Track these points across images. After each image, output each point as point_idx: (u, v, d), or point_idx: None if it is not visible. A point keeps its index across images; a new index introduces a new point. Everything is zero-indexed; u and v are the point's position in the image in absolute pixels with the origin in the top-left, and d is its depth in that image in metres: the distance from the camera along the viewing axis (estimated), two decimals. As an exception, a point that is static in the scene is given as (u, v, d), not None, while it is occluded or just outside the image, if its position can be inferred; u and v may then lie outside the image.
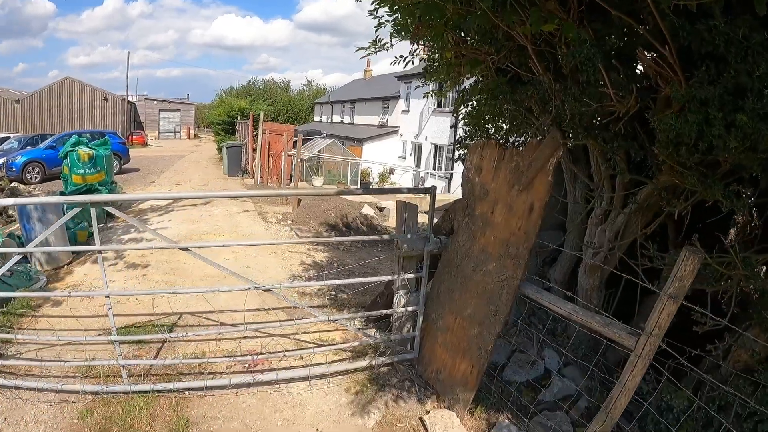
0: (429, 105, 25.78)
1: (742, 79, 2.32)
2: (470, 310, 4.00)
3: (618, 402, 3.09)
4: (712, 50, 2.48)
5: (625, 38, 3.18)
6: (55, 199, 4.31)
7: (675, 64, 2.55)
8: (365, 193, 4.24)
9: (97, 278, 6.76)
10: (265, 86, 51.60)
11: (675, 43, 2.53)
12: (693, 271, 2.65)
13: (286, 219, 10.82)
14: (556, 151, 3.30)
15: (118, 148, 19.48)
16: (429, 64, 5.08)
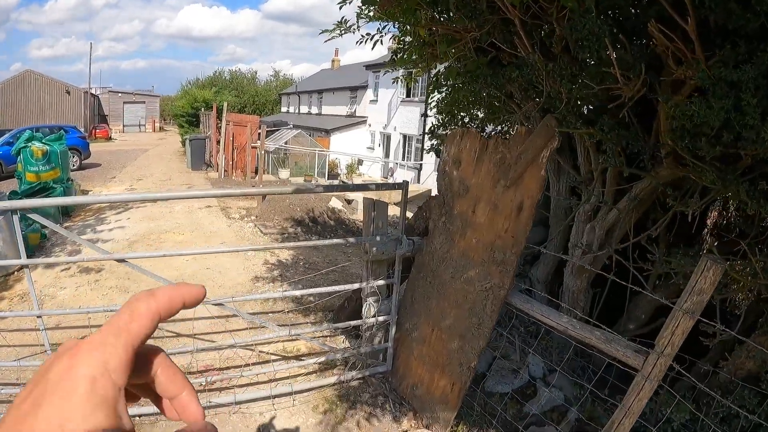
0: (398, 94, 25.40)
1: (783, 60, 1.92)
2: (449, 321, 3.57)
3: (621, 426, 2.71)
4: (743, 25, 2.08)
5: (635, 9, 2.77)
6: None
7: (696, 41, 2.14)
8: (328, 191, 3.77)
9: (49, 285, 6.27)
10: (231, 77, 50.57)
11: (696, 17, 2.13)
12: (713, 284, 2.26)
13: (249, 214, 10.31)
14: (550, 141, 2.83)
15: (77, 142, 18.66)
16: (399, 46, 4.63)
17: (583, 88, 2.74)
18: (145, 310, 0.41)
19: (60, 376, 0.36)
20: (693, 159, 2.46)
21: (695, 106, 2.16)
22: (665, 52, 2.36)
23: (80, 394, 0.35)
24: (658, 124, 2.95)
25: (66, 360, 0.37)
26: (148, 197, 3.14)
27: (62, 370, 0.37)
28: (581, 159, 4.03)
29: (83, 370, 0.36)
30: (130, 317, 0.41)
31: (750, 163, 2.48)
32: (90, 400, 0.35)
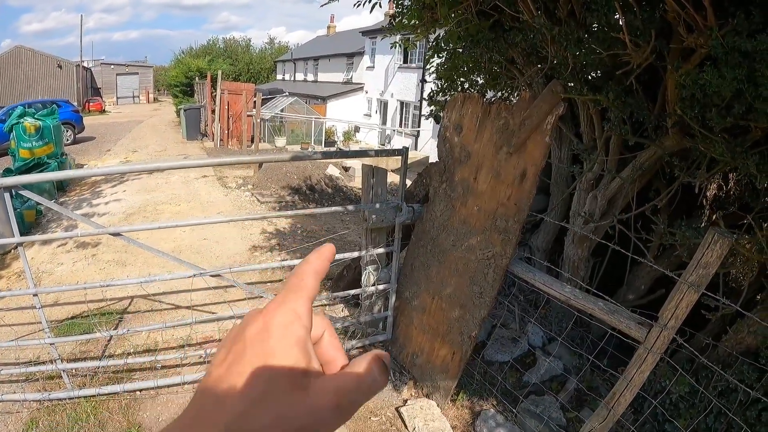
0: (395, 61, 25.03)
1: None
2: (450, 290, 3.54)
3: (622, 398, 2.71)
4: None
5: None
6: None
7: (708, 8, 2.05)
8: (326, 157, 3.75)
9: (46, 262, 6.26)
10: (225, 45, 49.76)
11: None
12: (720, 257, 2.22)
13: (246, 183, 10.23)
14: (555, 107, 2.75)
15: (71, 116, 18.39)
16: (398, 10, 4.51)
17: (590, 53, 2.66)
18: (309, 270, 0.47)
19: (256, 330, 0.42)
20: (702, 129, 2.39)
21: (707, 75, 2.08)
22: (676, 18, 2.28)
23: (277, 337, 0.41)
24: (665, 93, 2.87)
25: (259, 318, 0.43)
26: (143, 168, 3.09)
27: (258, 326, 0.42)
28: (584, 126, 3.95)
29: (277, 320, 0.42)
30: (300, 278, 0.46)
31: (760, 135, 2.41)
32: (286, 340, 0.41)
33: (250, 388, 0.39)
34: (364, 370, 0.43)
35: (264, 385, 0.39)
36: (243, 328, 0.43)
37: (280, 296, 0.45)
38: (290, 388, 0.40)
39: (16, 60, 35.17)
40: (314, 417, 0.39)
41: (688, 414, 3.07)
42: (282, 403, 0.39)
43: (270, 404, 0.39)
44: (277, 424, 0.38)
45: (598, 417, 2.83)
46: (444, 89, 5.18)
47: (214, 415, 0.38)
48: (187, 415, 0.40)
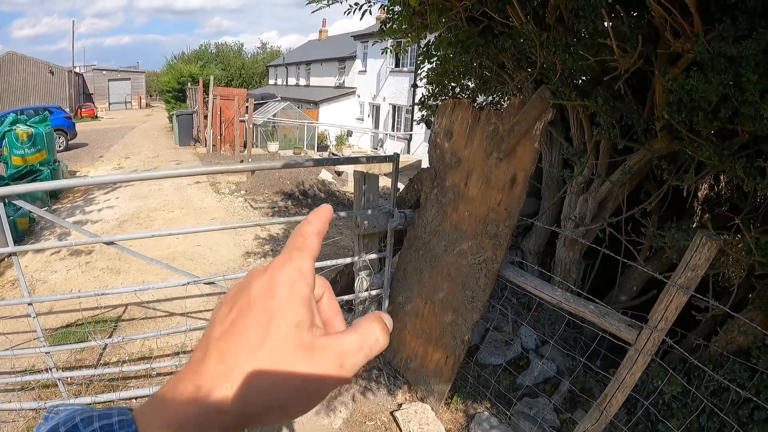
0: (387, 65, 25.07)
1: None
2: (442, 295, 3.56)
3: (614, 399, 2.73)
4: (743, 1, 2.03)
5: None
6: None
7: (695, 14, 2.08)
8: (318, 164, 3.77)
9: (40, 270, 6.23)
10: (217, 50, 49.67)
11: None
12: (708, 260, 2.25)
13: (239, 189, 10.23)
14: (544, 112, 2.78)
15: (63, 123, 18.33)
16: (388, 16, 4.53)
17: (578, 59, 2.68)
18: (312, 231, 0.48)
19: (262, 287, 0.42)
20: (689, 133, 2.42)
21: (693, 81, 2.11)
22: (663, 24, 2.31)
23: (282, 295, 0.41)
24: (653, 97, 2.90)
25: (264, 276, 0.43)
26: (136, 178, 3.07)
27: (263, 283, 0.43)
28: (574, 131, 3.99)
29: (282, 277, 0.42)
30: (304, 238, 0.47)
31: (747, 139, 2.44)
32: (291, 297, 0.42)
33: (256, 345, 0.40)
34: (366, 331, 0.44)
35: (270, 341, 0.40)
36: (247, 285, 0.44)
37: (284, 254, 0.45)
38: (295, 346, 0.40)
39: (7, 66, 34.90)
40: (318, 375, 0.40)
41: (681, 414, 3.09)
42: (287, 361, 0.40)
43: (275, 360, 0.39)
44: (282, 380, 0.39)
45: (590, 418, 2.85)
46: (435, 94, 5.20)
47: (218, 371, 0.39)
48: (190, 370, 0.40)
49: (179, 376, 0.41)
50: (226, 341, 0.40)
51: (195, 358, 0.41)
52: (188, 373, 0.40)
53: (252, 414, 0.39)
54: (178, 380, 0.40)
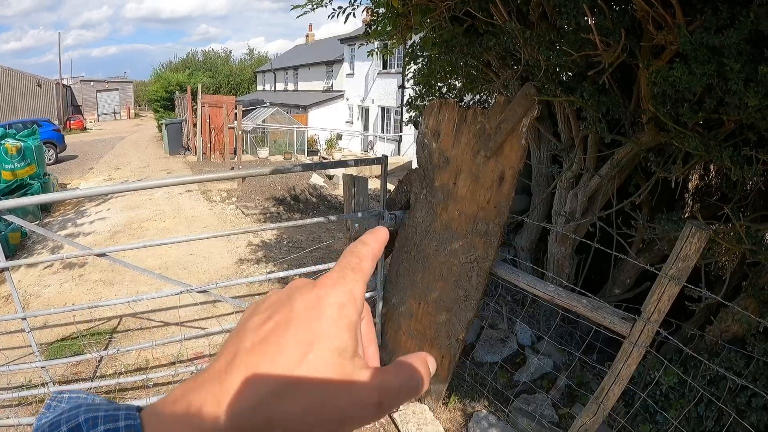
0: (374, 67, 25.09)
1: (765, 25, 1.87)
2: (436, 294, 3.56)
3: (611, 392, 2.73)
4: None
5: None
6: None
7: (676, 6, 2.09)
8: (306, 169, 3.78)
9: (33, 284, 6.21)
10: (205, 58, 49.62)
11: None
12: (698, 250, 2.25)
13: (230, 196, 10.21)
14: (530, 109, 2.78)
15: (52, 135, 18.22)
16: (373, 18, 4.53)
17: (562, 55, 2.69)
18: (368, 252, 0.45)
19: (307, 304, 0.39)
20: (675, 125, 2.43)
21: (677, 72, 2.12)
22: (645, 17, 2.31)
23: (329, 317, 0.39)
24: (639, 90, 2.91)
25: (312, 292, 0.40)
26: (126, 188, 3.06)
27: (309, 300, 0.40)
28: (561, 126, 4.00)
29: (332, 299, 0.40)
30: (359, 258, 0.44)
31: (733, 128, 2.45)
32: (338, 322, 0.39)
33: (292, 366, 0.37)
34: (411, 374, 0.42)
35: (307, 365, 0.37)
36: (289, 298, 0.41)
37: (336, 273, 0.42)
38: (336, 375, 0.37)
39: (-7, 80, 34.74)
40: (355, 410, 0.38)
41: (679, 404, 3.10)
42: (324, 389, 0.37)
43: (311, 388, 0.37)
44: (316, 410, 0.36)
45: (588, 412, 2.85)
46: (422, 94, 5.20)
47: (245, 387, 0.36)
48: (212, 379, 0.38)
49: (198, 383, 0.38)
50: (258, 355, 0.37)
51: (219, 365, 0.38)
52: (209, 382, 0.37)
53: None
54: (196, 388, 0.37)
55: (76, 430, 0.35)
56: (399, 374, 0.41)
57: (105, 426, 0.35)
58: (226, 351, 0.39)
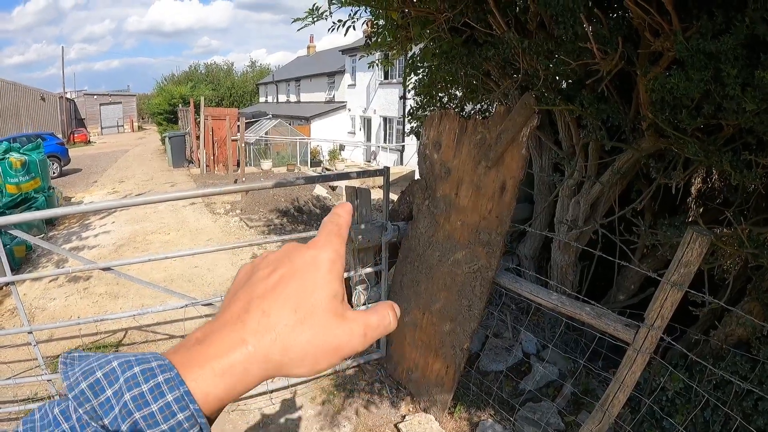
0: (376, 77, 25.17)
1: (761, 29, 1.89)
2: (440, 305, 3.56)
3: (616, 399, 2.72)
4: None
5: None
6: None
7: (672, 12, 2.11)
8: (309, 182, 3.83)
9: (39, 297, 6.19)
10: (207, 71, 49.72)
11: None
12: (700, 255, 2.26)
13: (234, 208, 10.22)
14: (529, 119, 2.80)
15: (56, 149, 18.19)
16: (373, 30, 4.56)
17: (561, 64, 2.71)
18: (343, 222, 0.54)
19: (306, 260, 0.49)
20: (674, 131, 2.44)
21: (674, 79, 2.13)
22: (642, 24, 2.33)
23: (324, 270, 0.48)
24: (638, 97, 2.93)
25: (308, 251, 0.50)
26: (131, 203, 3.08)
27: (308, 256, 0.49)
28: (562, 134, 4.01)
29: (325, 256, 0.49)
30: (338, 227, 0.53)
31: (732, 133, 2.46)
32: (331, 274, 0.48)
33: (299, 307, 0.46)
34: (383, 314, 0.51)
35: (311, 306, 0.46)
36: (288, 256, 0.50)
37: (323, 238, 0.51)
38: (332, 314, 0.47)
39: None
40: (346, 339, 0.47)
41: (685, 409, 3.09)
42: (324, 323, 0.46)
43: (315, 322, 0.46)
44: (319, 339, 0.46)
45: (594, 420, 2.85)
46: (424, 105, 5.22)
47: (263, 323, 0.45)
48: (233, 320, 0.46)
49: (217, 326, 0.46)
50: (270, 300, 0.46)
51: (234, 311, 0.46)
52: (230, 324, 0.45)
53: (288, 364, 0.45)
54: (217, 330, 0.45)
55: (112, 374, 0.40)
56: (376, 314, 0.50)
57: (139, 367, 0.40)
58: (237, 300, 0.47)
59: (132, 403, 0.38)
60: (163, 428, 0.38)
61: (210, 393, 0.42)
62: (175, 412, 0.39)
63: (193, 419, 0.39)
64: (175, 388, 0.39)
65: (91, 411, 0.38)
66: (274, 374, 0.46)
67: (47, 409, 0.40)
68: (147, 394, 0.39)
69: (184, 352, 0.44)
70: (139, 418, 0.38)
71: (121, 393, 0.38)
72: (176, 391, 0.39)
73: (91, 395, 0.39)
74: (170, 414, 0.38)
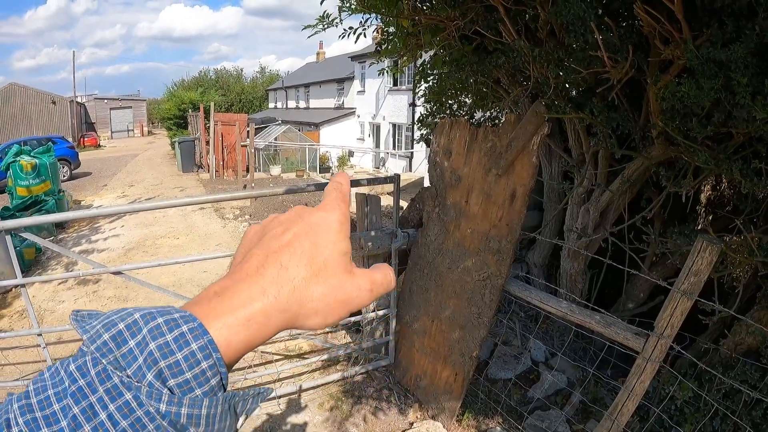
0: (385, 84, 25.15)
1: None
2: (449, 312, 3.57)
3: (625, 408, 2.72)
4: (730, 3, 2.06)
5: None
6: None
7: (682, 21, 2.12)
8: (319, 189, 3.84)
9: (48, 300, 6.23)
10: (217, 76, 50.01)
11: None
12: (710, 264, 2.25)
13: (243, 214, 10.26)
14: (540, 127, 2.81)
15: (66, 152, 18.30)
16: (383, 38, 4.58)
17: (571, 72, 2.72)
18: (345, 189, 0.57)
19: (318, 220, 0.51)
20: (684, 139, 2.44)
21: (685, 87, 2.13)
22: (652, 32, 2.34)
23: (334, 229, 0.51)
24: (648, 105, 2.93)
25: (318, 212, 0.52)
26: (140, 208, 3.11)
27: (318, 217, 0.52)
28: (572, 142, 4.01)
29: (334, 217, 0.52)
30: (342, 193, 0.56)
31: (742, 141, 2.46)
32: (340, 233, 0.51)
33: (313, 262, 0.49)
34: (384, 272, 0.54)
35: (324, 261, 0.49)
36: (300, 216, 0.52)
37: (330, 202, 0.54)
38: (342, 269, 0.50)
39: (10, 97, 35.03)
40: (355, 293, 0.51)
41: (694, 418, 3.07)
42: (336, 277, 0.49)
43: (327, 276, 0.49)
44: (330, 292, 0.49)
45: (602, 428, 2.84)
46: (433, 112, 5.24)
47: (281, 276, 0.47)
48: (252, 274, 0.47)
49: (235, 280, 0.47)
50: (287, 255, 0.48)
51: (252, 265, 0.48)
52: (249, 277, 0.47)
53: (303, 315, 0.48)
54: (236, 283, 0.47)
55: (134, 325, 0.40)
56: (380, 271, 0.54)
57: (162, 318, 0.41)
58: (253, 256, 0.49)
59: (157, 351, 0.39)
60: (187, 376, 0.39)
61: (232, 342, 0.43)
62: (200, 360, 0.40)
63: (215, 368, 0.40)
64: (199, 337, 0.40)
65: (114, 362, 0.38)
66: (290, 325, 0.48)
67: (58, 367, 0.40)
68: (171, 343, 0.39)
69: (205, 303, 0.45)
70: (164, 366, 0.38)
71: (145, 343, 0.39)
72: (201, 340, 0.40)
73: (114, 346, 0.39)
74: (195, 362, 0.39)
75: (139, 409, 0.37)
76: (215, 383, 0.40)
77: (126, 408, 0.37)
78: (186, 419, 0.38)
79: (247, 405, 0.45)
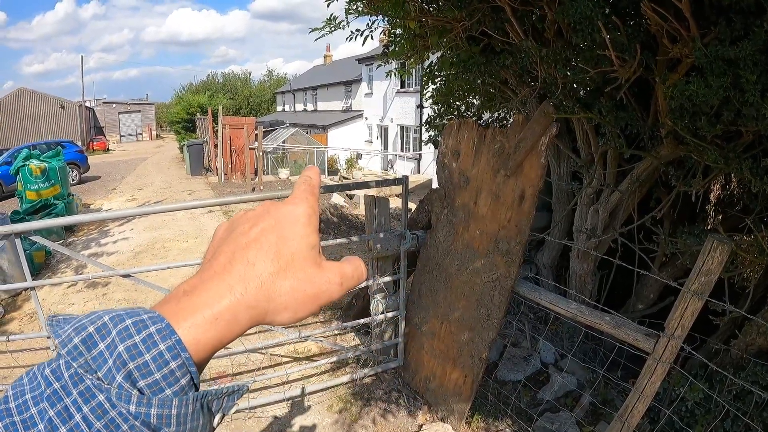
0: (392, 86, 25.17)
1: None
2: (458, 314, 3.56)
3: (635, 409, 2.70)
4: (738, 1, 2.04)
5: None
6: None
7: (690, 19, 2.10)
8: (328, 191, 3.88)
9: (57, 303, 6.27)
10: (224, 79, 50.26)
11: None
12: (721, 264, 2.24)
13: (251, 216, 10.26)
14: (548, 128, 2.80)
15: (75, 156, 18.38)
16: (390, 39, 4.59)
17: (579, 72, 2.71)
18: (314, 182, 0.57)
19: (285, 214, 0.51)
20: (693, 138, 2.43)
21: (693, 86, 2.12)
22: (659, 31, 2.33)
23: (302, 223, 0.51)
24: (656, 104, 2.92)
25: (287, 206, 0.52)
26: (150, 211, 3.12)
27: (287, 211, 0.51)
28: (580, 142, 4.00)
29: (302, 210, 0.51)
30: (311, 186, 0.56)
31: (751, 139, 2.44)
32: (309, 226, 0.51)
33: (280, 256, 0.48)
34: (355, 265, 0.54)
35: (291, 255, 0.49)
36: (267, 212, 0.52)
37: (299, 195, 0.54)
38: (311, 262, 0.50)
39: (19, 102, 35.33)
40: (325, 286, 0.50)
41: (705, 420, 3.05)
42: (304, 272, 0.49)
43: (295, 270, 0.48)
44: (299, 286, 0.48)
45: (613, 430, 2.82)
46: (441, 113, 5.23)
47: (248, 272, 0.47)
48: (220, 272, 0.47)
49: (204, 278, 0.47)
50: (254, 250, 0.48)
51: (220, 263, 0.48)
52: (218, 275, 0.47)
53: (272, 311, 0.48)
54: (204, 281, 0.47)
55: (104, 328, 0.41)
56: (350, 264, 0.53)
57: (131, 319, 0.41)
58: (221, 253, 0.49)
59: (126, 353, 0.39)
60: (156, 377, 0.39)
61: (200, 340, 0.43)
62: (168, 360, 0.40)
63: (185, 367, 0.40)
64: (167, 338, 0.40)
65: (84, 365, 0.39)
66: (259, 321, 0.48)
67: (35, 372, 0.41)
68: (140, 344, 0.39)
69: (174, 303, 0.45)
70: (133, 368, 0.38)
71: (114, 345, 0.39)
72: (168, 340, 0.40)
73: (84, 349, 0.39)
74: (163, 362, 0.39)
75: (112, 410, 0.37)
76: (185, 383, 0.40)
77: (99, 409, 0.37)
78: (156, 420, 0.38)
79: (222, 403, 0.45)
